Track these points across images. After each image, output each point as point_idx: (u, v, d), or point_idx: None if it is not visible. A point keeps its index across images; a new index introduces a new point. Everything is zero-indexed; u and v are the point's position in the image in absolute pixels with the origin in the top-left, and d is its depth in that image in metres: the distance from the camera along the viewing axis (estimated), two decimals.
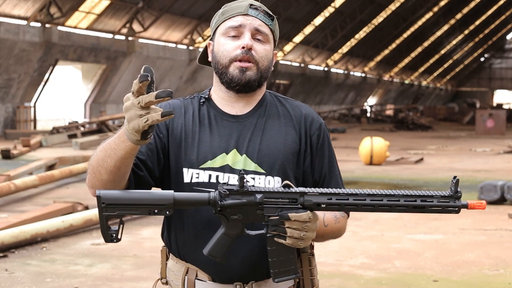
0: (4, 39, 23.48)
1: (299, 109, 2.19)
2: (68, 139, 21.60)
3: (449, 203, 1.92)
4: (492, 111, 32.01)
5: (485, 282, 6.02)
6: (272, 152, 2.10)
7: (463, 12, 54.91)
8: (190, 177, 2.08)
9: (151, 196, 1.89)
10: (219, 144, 2.10)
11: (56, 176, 11.49)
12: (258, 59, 2.08)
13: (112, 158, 1.90)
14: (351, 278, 6.09)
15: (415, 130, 34.20)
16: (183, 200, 1.89)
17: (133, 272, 6.23)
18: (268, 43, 2.12)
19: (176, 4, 30.18)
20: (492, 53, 75.20)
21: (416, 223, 8.70)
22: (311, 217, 1.88)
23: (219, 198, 1.89)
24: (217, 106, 2.16)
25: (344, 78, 51.20)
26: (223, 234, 1.93)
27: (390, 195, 1.89)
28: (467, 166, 15.72)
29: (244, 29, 2.09)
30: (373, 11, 44.04)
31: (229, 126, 2.12)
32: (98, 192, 1.88)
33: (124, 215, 1.89)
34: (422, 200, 1.90)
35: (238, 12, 2.10)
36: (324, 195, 1.90)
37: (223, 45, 2.10)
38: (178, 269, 2.14)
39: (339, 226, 2.13)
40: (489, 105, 61.21)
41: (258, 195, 1.89)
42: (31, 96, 26.79)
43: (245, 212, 1.90)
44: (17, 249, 6.93)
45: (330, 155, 2.18)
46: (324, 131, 2.19)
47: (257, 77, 2.09)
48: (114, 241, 1.92)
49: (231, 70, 2.08)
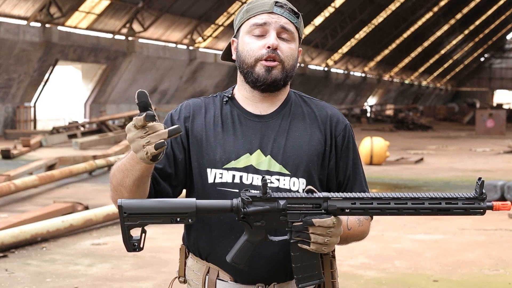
0: (4, 39, 23.48)
1: (324, 110, 2.17)
2: (68, 139, 21.60)
3: (474, 205, 1.90)
4: (492, 111, 32.01)
5: (485, 282, 6.02)
6: (297, 153, 2.07)
7: (463, 12, 54.90)
8: (214, 177, 2.06)
9: (173, 205, 1.86)
10: (243, 144, 2.07)
11: (56, 176, 11.48)
12: (283, 58, 2.06)
13: (130, 178, 1.92)
14: (351, 278, 6.09)
15: (415, 130, 34.20)
16: (205, 208, 1.87)
17: (133, 272, 6.23)
18: (293, 41, 2.09)
19: (176, 4, 30.18)
20: (492, 53, 75.18)
21: (416, 223, 8.70)
22: (335, 222, 1.86)
23: (242, 205, 1.86)
24: (240, 105, 2.13)
25: (344, 78, 51.21)
26: (246, 241, 1.91)
27: (415, 198, 1.88)
28: (467, 166, 15.72)
29: (270, 28, 2.06)
30: (373, 11, 44.03)
31: (253, 126, 2.09)
32: (120, 201, 1.86)
33: (146, 224, 1.87)
34: (447, 203, 1.89)
35: (263, 10, 2.07)
36: (348, 200, 1.88)
37: (248, 44, 2.07)
38: (199, 268, 2.11)
39: (363, 229, 2.11)
40: (489, 105, 61.21)
41: (281, 201, 1.87)
42: (31, 96, 26.78)
43: (268, 219, 1.88)
44: (17, 249, 6.93)
45: (354, 157, 2.16)
46: (349, 132, 2.16)
47: (283, 76, 2.07)
48: (136, 250, 1.90)
49: (257, 69, 2.05)
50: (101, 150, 18.22)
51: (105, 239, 7.48)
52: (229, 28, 34.85)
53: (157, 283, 5.87)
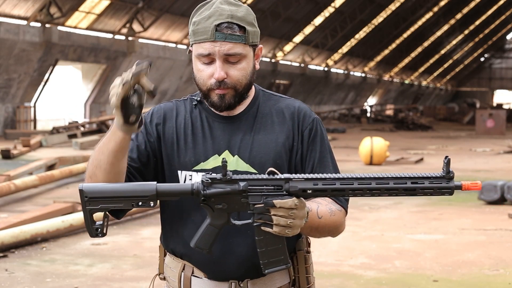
0: (4, 39, 23.48)
1: (292, 105, 2.19)
2: (68, 139, 21.61)
3: (442, 185, 1.84)
4: (492, 111, 32.02)
5: (485, 282, 6.02)
6: (264, 151, 2.10)
7: (463, 12, 54.90)
8: (184, 179, 2.10)
9: (134, 188, 1.87)
10: (212, 145, 2.11)
11: (56, 176, 11.49)
12: (234, 83, 2.07)
13: (104, 154, 1.93)
14: (351, 278, 6.09)
15: (415, 130, 34.19)
16: (165, 191, 1.88)
17: (133, 272, 6.23)
18: (243, 59, 2.07)
19: (176, 4, 30.18)
20: (492, 53, 75.18)
21: (416, 223, 8.70)
22: (297, 204, 1.84)
23: (202, 187, 1.87)
24: (208, 108, 2.16)
25: (344, 78, 51.20)
26: (208, 224, 1.91)
27: (379, 178, 1.84)
28: (467, 166, 15.72)
29: (214, 56, 2.04)
30: (373, 11, 44.04)
31: (221, 128, 2.13)
32: (81, 186, 1.87)
33: (108, 208, 1.88)
34: (413, 182, 1.83)
35: (205, 38, 2.03)
36: (309, 181, 1.86)
37: (199, 72, 2.09)
38: (175, 266, 2.17)
39: (335, 220, 2.07)
40: (489, 105, 61.21)
41: (241, 183, 1.86)
42: (31, 96, 26.79)
43: (230, 201, 1.87)
44: (17, 249, 6.93)
45: (322, 150, 2.14)
46: (316, 125, 2.16)
47: (237, 99, 2.09)
48: (99, 235, 1.90)
49: (212, 97, 2.08)
50: None
51: (105, 239, 7.48)
52: None
53: (157, 283, 5.86)
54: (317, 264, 6.56)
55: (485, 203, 10.21)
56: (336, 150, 20.31)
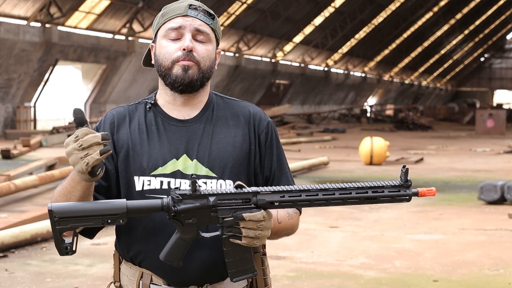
0: (4, 39, 23.49)
1: (246, 109, 2.20)
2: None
3: (400, 192, 1.95)
4: (492, 111, 32.03)
5: (485, 282, 6.02)
6: (222, 155, 2.10)
7: (463, 12, 54.92)
8: (142, 184, 2.08)
9: (104, 206, 1.88)
10: (169, 150, 2.09)
11: (56, 176, 11.49)
12: (199, 59, 2.09)
13: (72, 200, 1.93)
14: (351, 278, 6.09)
15: (415, 130, 34.20)
16: (136, 208, 1.89)
17: None
18: (209, 42, 2.12)
19: None
20: (492, 53, 75.20)
21: (416, 223, 8.70)
22: (265, 216, 1.89)
23: (172, 203, 1.88)
24: (163, 111, 2.15)
25: (344, 78, 51.21)
26: (178, 238, 1.93)
27: (342, 188, 1.92)
28: (467, 166, 15.72)
29: (185, 31, 2.09)
30: (373, 11, 44.04)
31: (178, 131, 2.12)
32: (50, 206, 1.86)
33: (77, 227, 1.88)
34: (373, 191, 1.93)
35: (178, 13, 2.10)
36: (276, 193, 1.91)
37: (164, 48, 2.10)
38: (132, 274, 2.13)
39: (292, 223, 2.14)
40: (489, 105, 61.22)
41: (211, 198, 1.89)
42: (31, 96, 26.79)
43: (199, 216, 1.90)
44: (17, 249, 6.93)
45: (279, 153, 2.20)
46: (271, 129, 2.20)
47: (199, 77, 2.09)
48: (69, 253, 1.90)
49: (174, 70, 2.09)
50: None
51: (105, 239, 7.48)
52: (229, 28, 34.85)
53: None
54: (317, 264, 6.56)
55: (485, 203, 10.21)
56: (336, 150, 20.31)
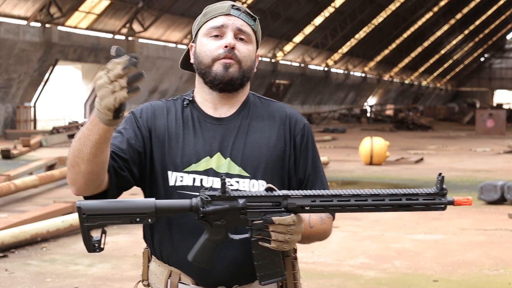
0: (4, 39, 23.48)
1: (283, 110, 2.18)
2: (68, 139, 21.61)
3: (435, 201, 1.89)
4: (492, 111, 32.02)
5: (485, 282, 6.02)
6: (256, 155, 2.08)
7: (463, 12, 54.91)
8: (175, 180, 2.07)
9: (132, 205, 1.86)
10: (203, 147, 2.08)
11: (56, 176, 11.49)
12: (241, 58, 2.07)
13: (87, 146, 1.87)
14: (351, 278, 6.09)
15: (415, 130, 34.20)
16: (164, 208, 1.87)
17: (133, 272, 6.23)
18: (250, 43, 2.11)
19: (176, 4, 30.19)
20: (492, 53, 75.19)
21: (416, 223, 8.70)
22: (295, 220, 1.87)
23: (201, 204, 1.87)
24: (200, 108, 2.14)
25: (344, 78, 51.21)
26: (206, 240, 1.91)
27: (375, 194, 1.88)
28: (467, 166, 15.72)
29: (227, 29, 2.08)
30: (373, 11, 44.04)
31: (213, 129, 2.10)
32: (78, 203, 1.85)
33: (105, 225, 1.87)
34: (407, 199, 1.89)
35: (220, 12, 2.10)
36: (307, 198, 1.88)
37: (205, 45, 2.09)
38: (161, 272, 2.11)
39: (325, 228, 2.12)
40: (489, 105, 61.21)
41: (240, 200, 1.87)
42: (31, 96, 26.79)
43: (228, 218, 1.88)
44: (17, 249, 6.93)
45: (314, 156, 2.17)
46: (308, 131, 2.18)
47: (240, 76, 2.08)
48: (97, 250, 1.90)
49: (215, 68, 2.07)
50: None
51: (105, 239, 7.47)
52: None
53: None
54: (317, 264, 6.56)
55: (485, 203, 10.21)
56: (336, 150, 20.30)
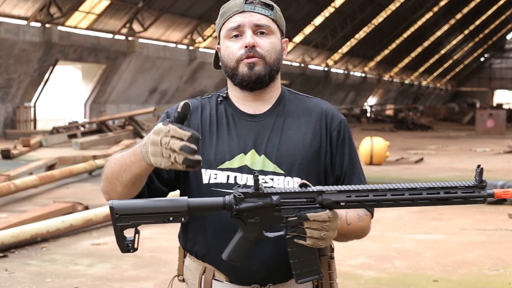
0: (4, 39, 23.48)
1: (319, 106, 2.15)
2: (68, 139, 21.61)
3: (474, 193, 1.84)
4: (492, 111, 32.00)
5: (485, 282, 6.02)
6: (291, 152, 2.05)
7: (463, 12, 54.90)
8: (208, 177, 2.05)
9: (165, 204, 1.85)
10: (237, 144, 2.06)
11: (56, 176, 11.48)
12: (264, 53, 2.05)
13: (127, 174, 1.91)
14: (351, 278, 6.09)
15: (415, 130, 34.19)
16: (197, 206, 1.86)
17: (133, 272, 6.23)
18: (272, 34, 2.08)
19: (176, 4, 30.18)
20: (492, 53, 75.18)
21: (416, 223, 8.70)
22: (330, 216, 1.83)
23: (234, 202, 1.84)
24: (234, 105, 2.12)
25: (344, 78, 51.21)
26: (241, 238, 1.89)
27: (412, 188, 1.83)
28: (467, 166, 15.71)
29: (244, 28, 2.05)
30: (373, 11, 44.03)
31: (247, 126, 2.08)
32: (111, 203, 1.85)
33: (138, 224, 1.86)
34: (445, 192, 1.83)
35: (235, 11, 2.07)
36: (342, 193, 1.84)
37: (227, 48, 2.07)
38: (195, 268, 2.10)
39: (363, 225, 2.08)
40: (489, 105, 61.20)
41: (274, 197, 1.84)
42: (31, 96, 26.78)
43: (262, 215, 1.85)
44: (17, 249, 6.93)
45: (351, 152, 2.13)
46: (344, 127, 2.14)
47: (267, 71, 2.06)
48: (130, 251, 1.89)
49: (240, 69, 2.05)
50: (101, 150, 18.21)
51: (105, 239, 7.48)
52: None
53: (157, 283, 5.87)
54: None
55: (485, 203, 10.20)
56: None
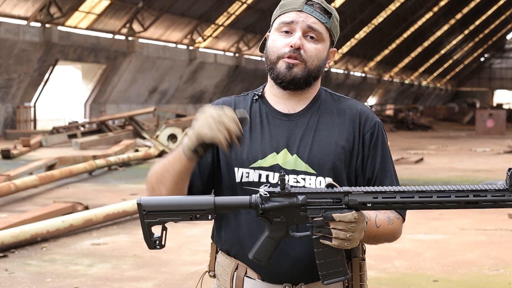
0: (4, 39, 23.48)
1: (354, 107, 2.14)
2: (68, 139, 21.61)
3: (505, 197, 1.78)
4: (492, 111, 32.00)
5: (485, 282, 6.02)
6: (323, 152, 2.05)
7: (463, 12, 54.90)
8: (241, 176, 2.06)
9: (192, 202, 1.87)
10: (270, 143, 2.06)
11: (56, 176, 11.48)
12: (306, 58, 2.04)
13: (170, 173, 1.96)
14: None
15: (415, 130, 34.20)
16: (224, 205, 1.87)
17: (133, 272, 6.23)
18: (321, 41, 2.07)
19: (176, 4, 30.18)
20: (492, 53, 75.18)
21: (416, 223, 8.70)
22: (356, 217, 1.82)
23: (260, 201, 1.85)
24: (269, 103, 2.12)
25: (344, 78, 51.22)
26: (267, 237, 1.89)
27: (440, 191, 1.80)
28: (467, 166, 15.71)
29: (296, 26, 2.04)
30: (373, 11, 44.03)
31: (281, 125, 2.08)
32: (139, 199, 1.88)
33: (166, 221, 1.88)
34: (475, 195, 1.79)
35: (293, 7, 2.06)
36: (369, 194, 1.83)
37: (274, 41, 2.07)
38: (228, 265, 2.11)
39: (393, 228, 2.05)
40: (489, 105, 61.20)
41: (300, 197, 1.84)
42: (31, 96, 26.79)
43: (288, 214, 1.85)
44: (17, 249, 6.92)
45: (383, 155, 2.11)
46: (378, 130, 2.11)
47: (304, 75, 2.05)
48: (157, 247, 1.92)
49: (279, 66, 2.05)
50: (101, 150, 18.22)
51: (105, 239, 7.48)
52: (229, 28, 34.83)
53: (157, 283, 5.87)
54: None
55: None
56: None
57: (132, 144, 18.54)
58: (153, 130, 21.63)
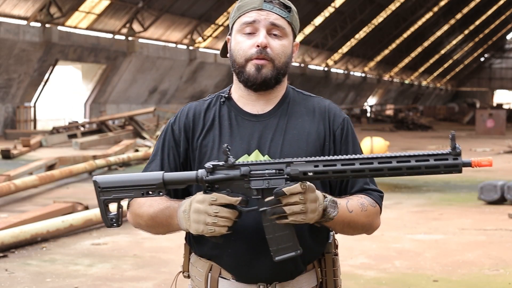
0: (4, 39, 23.48)
1: (322, 104, 2.16)
2: (68, 139, 21.61)
3: (448, 161, 1.73)
4: (492, 111, 32.01)
5: (485, 282, 6.02)
6: (294, 152, 2.05)
7: (463, 12, 54.90)
8: None
9: (143, 178, 1.93)
10: (241, 145, 2.06)
11: (56, 176, 11.48)
12: (274, 56, 2.04)
13: (163, 229, 2.06)
14: (351, 278, 6.09)
15: (415, 130, 34.20)
16: (172, 179, 1.92)
17: (133, 272, 6.23)
18: (285, 37, 2.07)
19: (176, 4, 30.18)
20: (492, 53, 75.17)
21: (416, 223, 8.70)
22: (303, 187, 1.81)
23: (205, 174, 1.88)
24: (237, 105, 2.12)
25: (344, 78, 51.21)
26: None
27: (381, 157, 1.79)
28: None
29: (259, 25, 2.04)
30: (373, 11, 44.03)
31: (250, 126, 2.08)
32: (95, 177, 1.95)
33: (120, 198, 1.93)
34: (417, 160, 1.75)
35: (252, 7, 2.05)
36: (310, 163, 1.83)
37: (238, 44, 2.06)
38: (202, 266, 2.12)
39: (367, 214, 2.03)
40: (489, 105, 61.20)
41: (243, 168, 1.86)
42: (31, 96, 26.79)
43: (233, 187, 1.88)
44: (17, 249, 6.93)
45: (355, 150, 2.11)
46: (347, 125, 2.14)
47: (273, 74, 2.05)
48: (114, 225, 1.96)
49: (248, 69, 2.05)
50: (101, 150, 18.22)
51: (105, 239, 7.48)
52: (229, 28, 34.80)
53: (157, 283, 5.87)
54: None
55: (485, 203, 10.20)
56: None
57: (132, 144, 18.55)
58: (153, 130, 21.64)
